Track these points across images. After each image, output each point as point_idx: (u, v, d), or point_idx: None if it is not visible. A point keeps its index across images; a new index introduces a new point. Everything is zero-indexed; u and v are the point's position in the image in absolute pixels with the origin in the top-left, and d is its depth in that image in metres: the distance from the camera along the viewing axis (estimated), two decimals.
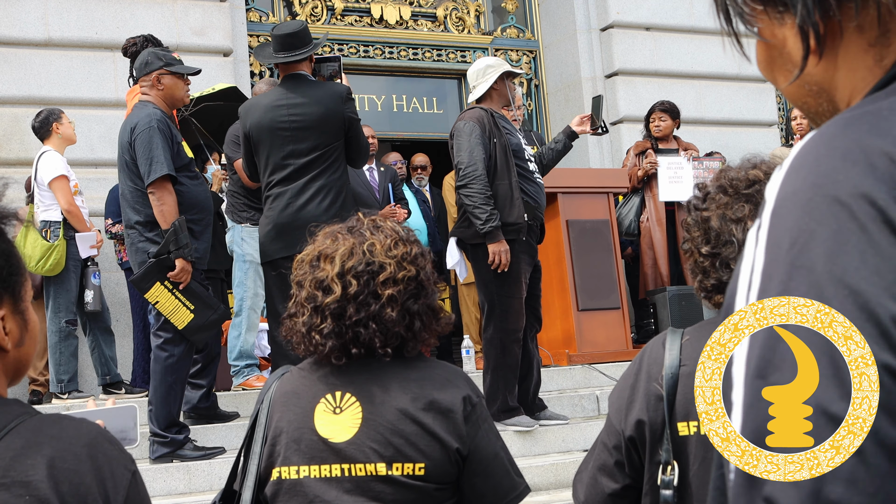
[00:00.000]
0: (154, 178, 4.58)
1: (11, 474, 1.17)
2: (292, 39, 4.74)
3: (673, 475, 1.66)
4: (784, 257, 0.68)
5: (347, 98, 4.68)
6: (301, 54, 4.73)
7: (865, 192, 0.66)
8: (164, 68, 4.84)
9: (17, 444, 1.20)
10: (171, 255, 4.57)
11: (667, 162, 7.42)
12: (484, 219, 4.90)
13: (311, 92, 4.70)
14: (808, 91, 0.82)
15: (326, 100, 4.64)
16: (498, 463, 1.92)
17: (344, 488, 1.84)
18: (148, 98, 4.83)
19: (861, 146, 0.69)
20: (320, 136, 4.63)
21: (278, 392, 1.96)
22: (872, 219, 0.66)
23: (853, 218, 0.66)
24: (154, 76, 4.84)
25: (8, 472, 1.17)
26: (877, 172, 0.67)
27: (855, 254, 0.65)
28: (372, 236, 1.93)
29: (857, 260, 0.65)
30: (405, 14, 8.87)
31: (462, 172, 4.99)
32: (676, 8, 9.11)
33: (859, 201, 0.66)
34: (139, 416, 1.83)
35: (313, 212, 4.52)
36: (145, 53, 4.91)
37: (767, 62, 0.85)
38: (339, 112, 4.62)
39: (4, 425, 1.22)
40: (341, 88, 4.70)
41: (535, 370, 5.28)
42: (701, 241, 1.72)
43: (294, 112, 4.66)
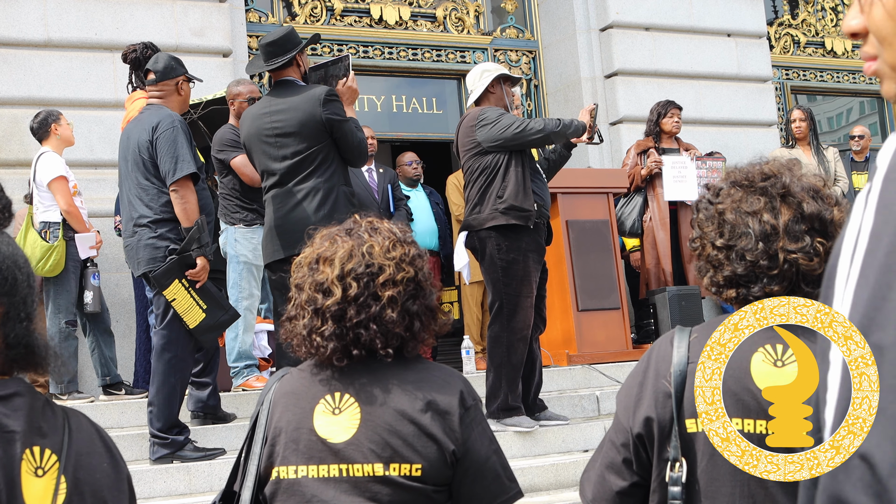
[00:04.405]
0: (179, 176, 4.64)
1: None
2: (272, 48, 4.79)
3: (681, 472, 1.66)
4: (894, 219, 0.67)
5: (327, 99, 4.64)
6: (280, 61, 4.77)
7: None
8: (185, 75, 4.95)
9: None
10: (193, 253, 4.63)
11: (671, 161, 7.42)
12: (561, 121, 5.20)
13: (292, 98, 4.73)
14: None
15: (304, 104, 4.66)
16: (489, 466, 1.92)
17: (341, 488, 1.85)
18: (164, 102, 4.88)
19: None
20: (302, 140, 4.65)
21: (278, 393, 1.96)
22: None
23: None
24: (178, 82, 4.92)
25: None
26: None
27: None
28: (370, 238, 1.94)
29: None
30: (405, 14, 8.87)
31: (516, 125, 5.08)
32: (676, 8, 9.11)
33: None
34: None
35: (302, 214, 4.59)
36: (165, 58, 4.94)
37: None
38: (317, 115, 4.62)
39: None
40: (319, 91, 4.68)
41: (538, 371, 5.30)
42: (715, 235, 1.72)
43: (276, 119, 4.72)
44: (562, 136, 5.21)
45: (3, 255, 1.33)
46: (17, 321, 1.34)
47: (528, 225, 5.05)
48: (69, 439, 1.34)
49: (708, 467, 1.65)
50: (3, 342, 1.33)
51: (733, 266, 1.69)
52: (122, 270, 6.40)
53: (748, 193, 1.70)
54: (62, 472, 1.31)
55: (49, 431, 1.33)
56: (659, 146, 7.59)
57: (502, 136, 5.06)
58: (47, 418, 1.34)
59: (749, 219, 1.68)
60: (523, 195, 5.05)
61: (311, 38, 5.16)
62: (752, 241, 1.67)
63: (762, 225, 1.67)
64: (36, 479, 1.27)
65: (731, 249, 1.70)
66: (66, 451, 1.33)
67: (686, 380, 1.68)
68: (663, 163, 7.40)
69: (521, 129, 5.05)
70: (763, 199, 1.68)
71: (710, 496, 1.65)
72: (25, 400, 1.32)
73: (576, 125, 5.25)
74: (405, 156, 7.86)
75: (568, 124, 5.20)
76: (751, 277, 1.69)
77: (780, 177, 1.70)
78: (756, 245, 1.67)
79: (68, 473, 1.31)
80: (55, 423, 1.35)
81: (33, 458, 1.28)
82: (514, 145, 5.08)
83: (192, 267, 4.65)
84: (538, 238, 5.16)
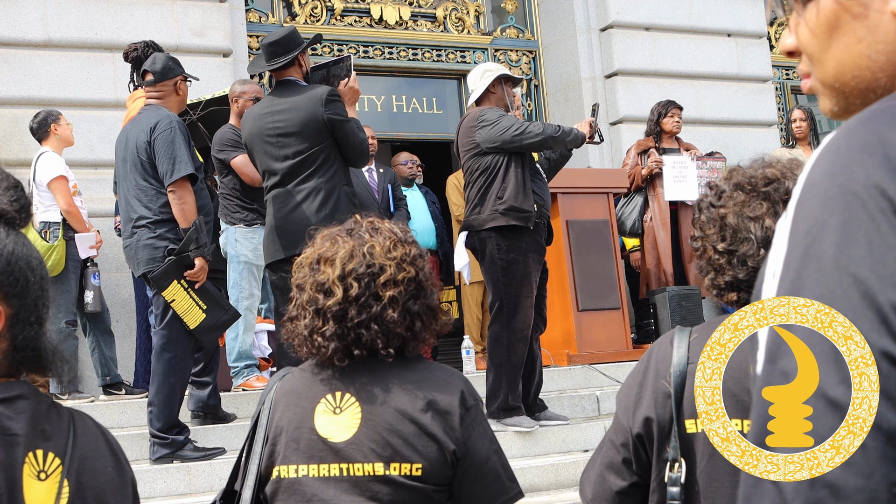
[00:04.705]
0: (177, 177, 4.64)
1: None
2: (274, 47, 4.79)
3: (680, 472, 1.67)
4: (800, 246, 0.70)
5: (329, 99, 4.64)
6: (282, 61, 4.77)
7: (877, 183, 0.67)
8: (182, 75, 4.95)
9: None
10: (192, 254, 4.63)
11: (672, 161, 7.43)
12: (561, 128, 5.19)
13: (293, 98, 4.72)
14: (870, 63, 0.78)
15: (306, 104, 4.65)
16: (490, 466, 1.92)
17: (342, 488, 1.85)
18: (162, 102, 4.88)
19: (880, 138, 0.69)
20: (304, 140, 4.65)
21: (279, 392, 1.97)
22: (882, 210, 0.66)
23: (864, 208, 0.67)
24: (176, 82, 4.93)
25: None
26: (891, 163, 0.67)
27: (862, 243, 0.66)
28: (371, 238, 1.94)
29: (864, 249, 0.66)
30: (405, 14, 8.87)
31: (515, 127, 5.07)
32: (676, 8, 9.11)
33: (871, 192, 0.67)
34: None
35: (304, 214, 4.59)
36: (163, 58, 4.93)
37: (830, 27, 0.80)
38: (319, 115, 4.62)
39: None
40: (322, 91, 4.68)
41: (538, 371, 5.30)
42: (716, 238, 1.72)
43: (277, 119, 4.72)
44: (560, 142, 5.22)
45: (17, 255, 1.31)
46: (26, 323, 1.32)
47: (529, 225, 5.06)
48: (74, 443, 1.33)
49: (707, 467, 1.65)
50: (11, 344, 1.31)
51: (735, 271, 1.69)
52: (122, 270, 6.40)
53: (751, 198, 1.69)
54: (65, 475, 1.30)
55: (53, 434, 1.32)
56: (659, 146, 7.59)
57: (501, 137, 5.07)
58: (52, 421, 1.33)
59: (751, 224, 1.67)
60: (523, 196, 5.05)
61: (313, 38, 5.16)
62: (753, 247, 1.66)
63: (764, 231, 1.66)
64: (38, 483, 1.27)
65: (732, 254, 1.69)
66: (70, 455, 1.32)
67: (686, 380, 1.68)
68: (664, 163, 7.40)
69: (519, 131, 5.06)
70: (766, 203, 1.68)
71: (709, 496, 1.65)
72: (29, 403, 1.31)
73: (575, 134, 5.24)
74: (400, 156, 7.88)
75: (567, 132, 5.20)
76: (752, 282, 1.68)
77: (783, 181, 1.70)
78: (758, 251, 1.66)
79: (71, 477, 1.30)
80: (60, 426, 1.34)
81: (36, 462, 1.27)
82: (512, 147, 5.08)
83: (190, 267, 4.65)
84: (538, 238, 5.17)
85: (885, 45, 0.77)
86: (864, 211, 0.67)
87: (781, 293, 0.70)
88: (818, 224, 0.69)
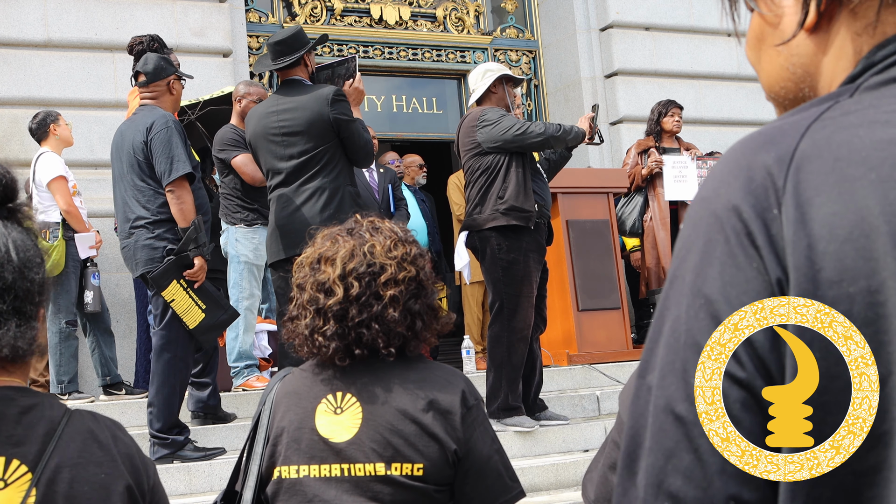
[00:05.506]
0: (175, 176, 4.64)
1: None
2: (281, 47, 4.78)
3: None
4: (673, 265, 0.73)
5: (335, 99, 4.64)
6: (288, 60, 4.76)
7: (735, 206, 0.69)
8: (175, 74, 4.93)
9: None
10: (191, 253, 4.63)
11: (672, 161, 7.43)
12: (561, 126, 5.19)
13: (299, 97, 4.72)
14: (790, 74, 0.80)
15: (312, 103, 4.65)
16: (491, 466, 1.92)
17: (343, 488, 1.85)
18: (156, 103, 4.87)
19: (748, 160, 0.70)
20: (309, 140, 4.65)
21: (280, 393, 1.97)
22: (736, 232, 0.68)
23: (721, 230, 0.69)
24: (169, 81, 4.91)
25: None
26: (751, 185, 0.69)
27: (716, 265, 0.69)
28: (371, 238, 1.94)
29: (716, 271, 0.69)
30: (405, 14, 8.87)
31: (516, 127, 5.07)
32: (676, 8, 9.11)
33: (729, 214, 0.69)
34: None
35: (308, 213, 4.58)
36: (154, 59, 4.92)
37: (757, 38, 0.83)
38: (325, 114, 4.62)
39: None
40: (327, 90, 4.68)
41: (538, 370, 5.30)
42: None
43: (283, 118, 4.71)
44: (562, 141, 5.22)
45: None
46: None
47: (529, 225, 5.06)
48: (54, 448, 1.27)
49: None
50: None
51: None
52: (122, 270, 6.39)
53: None
54: (34, 483, 1.24)
55: (24, 440, 1.26)
56: (660, 146, 7.59)
57: (502, 137, 5.07)
58: (25, 426, 1.27)
59: None
60: (524, 196, 5.05)
61: (319, 38, 5.17)
62: None
63: None
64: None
65: None
66: (46, 463, 1.26)
67: None
68: (664, 162, 7.40)
69: (521, 131, 5.06)
70: None
71: None
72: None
73: (576, 132, 5.26)
74: (386, 155, 7.89)
75: (568, 130, 5.21)
76: None
77: None
78: None
79: (41, 486, 1.24)
80: (34, 431, 1.28)
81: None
82: (513, 147, 5.08)
83: (189, 267, 4.65)
84: (539, 238, 5.17)
85: (800, 57, 0.78)
86: (722, 233, 0.69)
87: (657, 312, 0.73)
88: (687, 245, 0.72)
